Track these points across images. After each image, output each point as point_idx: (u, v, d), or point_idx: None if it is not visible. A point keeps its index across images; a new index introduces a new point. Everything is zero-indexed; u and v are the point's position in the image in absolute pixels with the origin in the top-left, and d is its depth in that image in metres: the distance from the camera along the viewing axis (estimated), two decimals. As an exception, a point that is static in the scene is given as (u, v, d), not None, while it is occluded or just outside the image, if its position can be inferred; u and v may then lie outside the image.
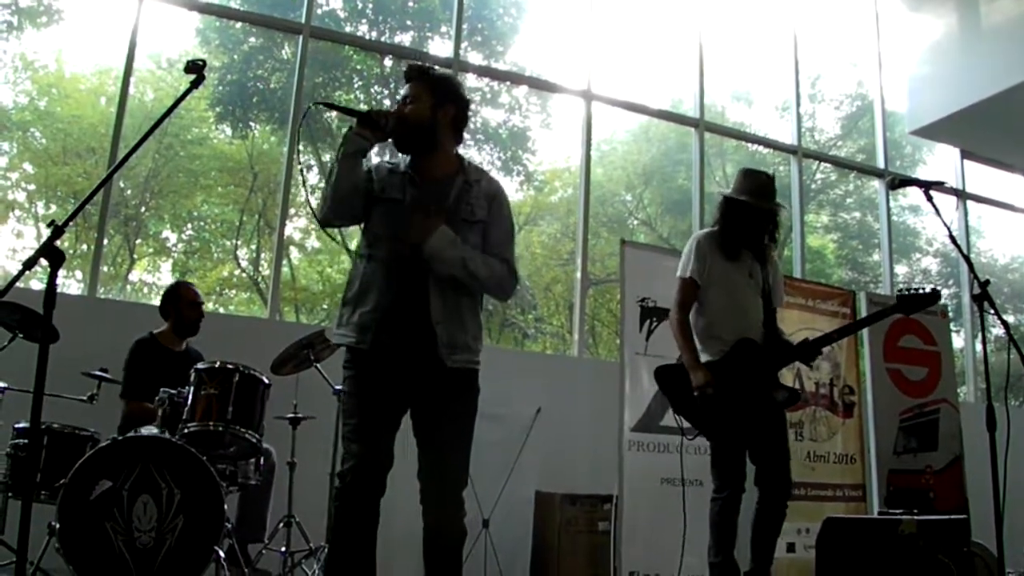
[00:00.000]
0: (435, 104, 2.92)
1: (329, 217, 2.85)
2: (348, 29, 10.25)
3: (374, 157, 3.08)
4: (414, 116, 2.89)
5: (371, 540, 2.69)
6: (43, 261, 2.19)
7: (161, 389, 4.23)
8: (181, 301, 4.99)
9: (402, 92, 3.00)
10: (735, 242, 4.16)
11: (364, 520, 2.68)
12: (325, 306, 11.23)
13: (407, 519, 2.98)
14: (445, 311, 2.80)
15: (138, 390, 4.70)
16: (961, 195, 9.58)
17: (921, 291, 4.06)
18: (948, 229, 3.86)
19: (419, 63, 3.05)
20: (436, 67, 3.08)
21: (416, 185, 2.89)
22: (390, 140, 2.93)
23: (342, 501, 2.69)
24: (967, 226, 9.69)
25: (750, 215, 4.13)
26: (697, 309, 4.16)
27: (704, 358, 4.05)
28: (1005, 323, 3.95)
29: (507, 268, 2.91)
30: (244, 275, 10.88)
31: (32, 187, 9.84)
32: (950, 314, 7.26)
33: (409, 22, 10.86)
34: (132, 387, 4.73)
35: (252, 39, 10.24)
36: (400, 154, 3.00)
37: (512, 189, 11.25)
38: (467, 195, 2.91)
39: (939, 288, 4.07)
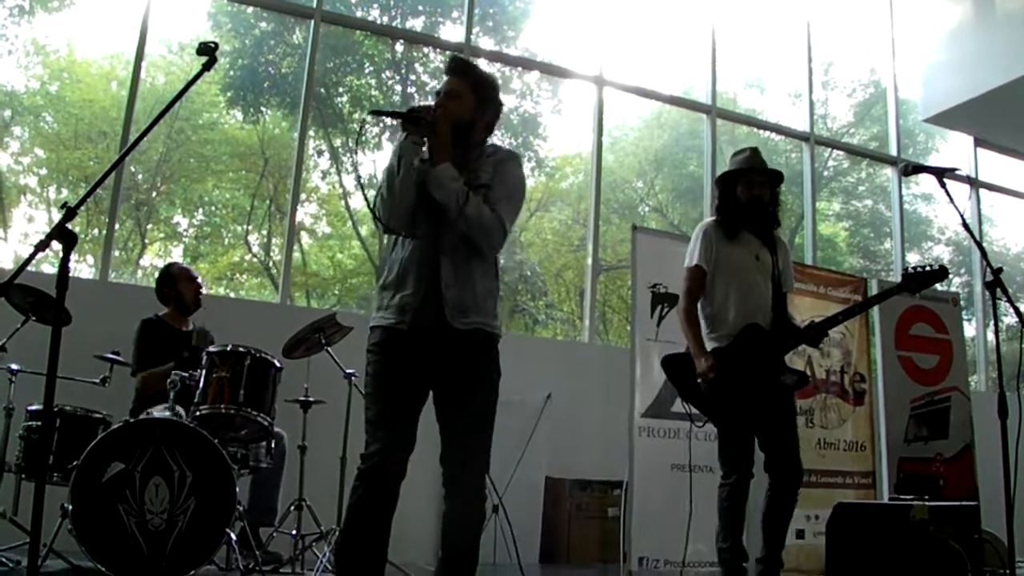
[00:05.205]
0: (477, 106, 2.89)
1: (395, 226, 2.82)
2: (359, 14, 10.24)
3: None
4: (456, 113, 2.84)
5: (387, 523, 2.69)
6: (55, 244, 2.19)
7: (173, 372, 4.25)
8: (177, 280, 5.01)
9: (442, 85, 2.95)
10: (735, 220, 4.15)
11: (383, 503, 2.67)
12: (336, 291, 11.26)
13: (420, 500, 2.98)
14: (456, 275, 2.77)
15: (149, 364, 4.73)
16: (974, 183, 9.52)
17: (928, 268, 4.02)
18: (961, 216, 3.83)
19: (462, 57, 2.99)
20: (478, 65, 3.04)
21: None
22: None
23: (364, 483, 2.67)
24: (980, 214, 9.64)
25: (741, 186, 4.14)
26: (705, 297, 4.15)
27: (712, 345, 4.04)
28: (1018, 311, 3.92)
29: (496, 218, 2.80)
30: (255, 260, 10.92)
31: (44, 172, 9.89)
32: (962, 302, 7.23)
33: (420, 7, 10.84)
34: (143, 361, 4.76)
35: (263, 24, 10.24)
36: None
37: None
38: (478, 164, 2.87)
39: (946, 264, 4.02)
